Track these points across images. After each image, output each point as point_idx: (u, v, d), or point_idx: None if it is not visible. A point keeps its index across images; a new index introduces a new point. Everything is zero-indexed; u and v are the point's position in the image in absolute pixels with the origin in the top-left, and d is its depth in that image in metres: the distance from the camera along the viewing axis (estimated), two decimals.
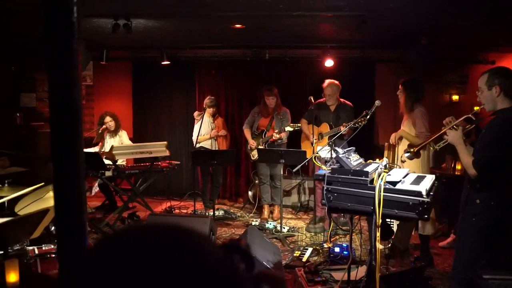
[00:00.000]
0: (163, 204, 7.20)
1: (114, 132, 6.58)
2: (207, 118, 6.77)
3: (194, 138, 6.71)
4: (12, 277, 2.17)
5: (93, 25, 5.45)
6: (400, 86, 4.75)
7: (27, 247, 3.00)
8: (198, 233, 0.54)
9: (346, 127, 5.36)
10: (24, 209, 3.26)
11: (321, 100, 6.05)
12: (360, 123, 4.82)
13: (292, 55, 7.19)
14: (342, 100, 6.02)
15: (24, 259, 2.80)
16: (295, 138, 6.46)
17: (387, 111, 6.83)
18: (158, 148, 6.08)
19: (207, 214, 6.39)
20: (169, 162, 6.39)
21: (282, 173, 5.86)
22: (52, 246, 3.10)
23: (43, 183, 3.58)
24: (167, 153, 6.14)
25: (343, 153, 3.19)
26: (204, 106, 6.76)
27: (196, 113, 6.99)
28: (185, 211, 7.05)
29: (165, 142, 6.21)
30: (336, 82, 5.96)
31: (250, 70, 7.50)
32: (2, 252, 2.51)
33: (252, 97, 7.10)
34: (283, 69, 7.35)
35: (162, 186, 7.69)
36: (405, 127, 4.69)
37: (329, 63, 6.75)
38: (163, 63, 7.08)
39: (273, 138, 6.13)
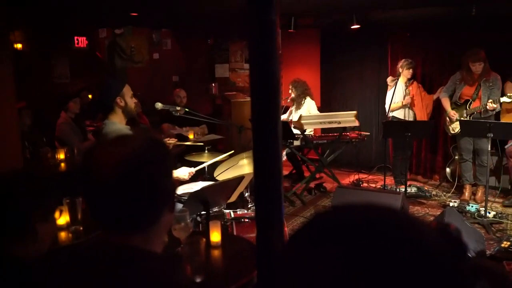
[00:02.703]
0: (351, 177, 7.26)
1: (299, 101, 6.80)
2: (401, 83, 6.50)
3: (386, 106, 6.54)
4: (215, 236, 2.48)
5: None
6: None
7: (225, 210, 3.37)
8: (412, 216, 0.53)
9: None
10: (221, 174, 3.65)
11: None
12: None
13: (507, 9, 6.32)
14: None
15: (222, 220, 3.16)
16: None
17: None
18: (347, 118, 6.11)
19: (398, 190, 6.22)
20: (358, 133, 6.37)
21: (489, 148, 5.32)
22: (246, 211, 3.42)
23: (232, 151, 3.95)
24: (356, 123, 6.13)
25: None
26: (399, 69, 6.47)
27: (389, 79, 6.77)
28: (373, 185, 6.98)
29: (355, 112, 6.19)
30: None
31: (452, 30, 6.86)
32: (205, 212, 2.88)
33: (455, 61, 6.52)
34: (494, 27, 6.53)
35: (350, 157, 7.73)
36: None
37: None
38: (352, 27, 6.99)
39: (489, 107, 5.55)
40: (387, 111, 6.53)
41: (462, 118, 5.81)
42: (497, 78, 5.72)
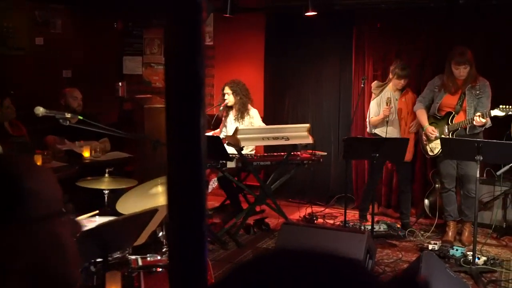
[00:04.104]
0: (302, 210, 7.34)
1: (242, 110, 6.80)
2: (390, 92, 6.64)
3: (368, 120, 6.75)
4: None
5: None
6: None
7: (129, 256, 3.30)
8: (373, 273, 0.55)
9: None
10: (126, 206, 3.58)
11: None
12: None
13: None
14: None
15: (126, 270, 3.08)
16: (501, 124, 6.07)
17: None
18: (298, 133, 6.19)
19: (362, 228, 6.36)
20: (312, 153, 6.46)
21: (478, 175, 5.56)
22: (159, 257, 3.36)
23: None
24: (310, 140, 6.22)
25: None
26: (390, 74, 6.61)
27: (374, 84, 6.85)
28: (331, 221, 7.10)
29: (308, 125, 6.29)
30: None
31: (434, 22, 7.18)
32: (101, 260, 2.80)
33: (438, 62, 6.81)
34: (486, 20, 6.90)
35: (301, 185, 7.82)
36: None
37: None
38: (307, 14, 7.14)
39: (477, 122, 5.77)
40: (368, 126, 6.72)
41: (443, 136, 6.03)
42: (485, 85, 5.98)
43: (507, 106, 5.60)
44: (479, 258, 5.48)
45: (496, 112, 5.66)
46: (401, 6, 7.21)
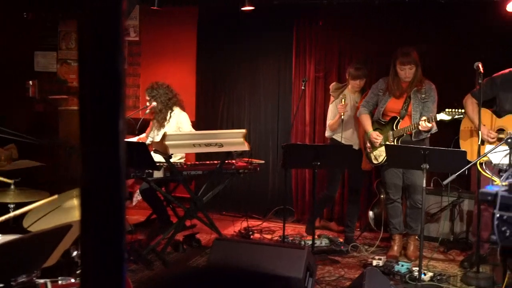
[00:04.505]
0: (237, 224, 7.34)
1: (162, 115, 6.72)
2: (348, 93, 6.73)
3: (327, 123, 6.84)
4: None
5: None
6: None
7: (37, 280, 3.20)
8: (300, 284, 0.55)
9: None
10: (36, 223, 3.48)
11: (506, 71, 5.79)
12: None
13: None
14: None
15: None
16: (448, 130, 6.24)
17: None
18: (233, 139, 6.19)
19: (302, 243, 6.40)
20: (248, 161, 6.48)
21: (425, 185, 5.71)
22: (73, 281, 3.28)
23: (56, 196, 3.80)
24: (245, 147, 6.23)
25: None
26: (347, 75, 6.72)
27: (333, 85, 6.92)
28: (269, 236, 7.13)
29: (244, 131, 6.30)
30: None
31: (379, 20, 7.34)
32: (2, 285, 2.70)
33: (383, 63, 6.95)
34: (434, 18, 7.11)
35: (236, 196, 7.82)
36: None
37: None
38: (243, 8, 7.16)
39: (422, 127, 5.92)
40: (327, 131, 6.83)
41: (388, 143, 6.14)
42: (431, 88, 6.14)
43: (453, 110, 5.74)
44: (425, 274, 5.59)
45: (442, 116, 5.79)
46: (344, 2, 7.29)
